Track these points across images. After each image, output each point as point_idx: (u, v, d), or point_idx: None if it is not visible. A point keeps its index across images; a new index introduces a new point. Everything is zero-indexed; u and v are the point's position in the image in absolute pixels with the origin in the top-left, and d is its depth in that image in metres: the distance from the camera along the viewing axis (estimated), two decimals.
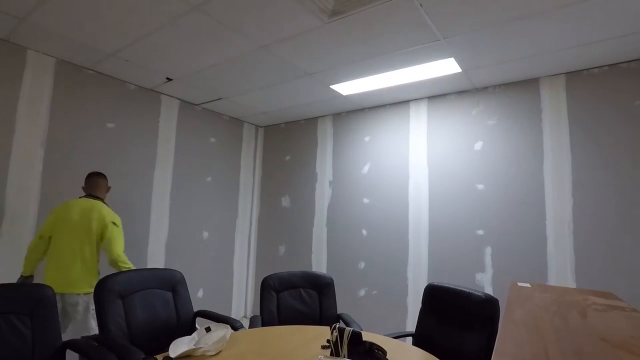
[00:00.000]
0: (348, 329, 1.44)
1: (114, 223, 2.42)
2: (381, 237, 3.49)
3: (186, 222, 3.69)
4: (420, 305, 2.10)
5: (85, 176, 2.56)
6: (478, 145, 3.05)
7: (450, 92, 3.24)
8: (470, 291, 1.88)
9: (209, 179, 3.97)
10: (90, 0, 2.00)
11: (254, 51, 2.54)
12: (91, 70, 2.96)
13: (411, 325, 2.97)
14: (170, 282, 2.14)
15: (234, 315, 4.18)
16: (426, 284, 2.14)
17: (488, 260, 2.89)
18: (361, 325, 2.06)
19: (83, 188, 2.52)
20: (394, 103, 3.58)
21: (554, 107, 2.76)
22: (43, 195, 2.66)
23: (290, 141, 4.39)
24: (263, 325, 2.21)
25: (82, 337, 1.78)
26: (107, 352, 1.52)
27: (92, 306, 2.26)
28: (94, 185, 2.52)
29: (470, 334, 1.76)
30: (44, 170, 2.68)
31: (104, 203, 2.50)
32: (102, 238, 2.37)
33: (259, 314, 2.30)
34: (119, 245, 2.37)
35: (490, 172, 2.96)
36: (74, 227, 2.32)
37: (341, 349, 1.41)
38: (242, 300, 4.33)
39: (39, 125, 2.67)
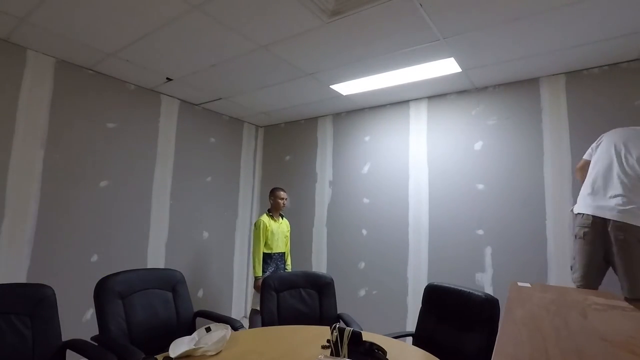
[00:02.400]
0: (348, 328, 1.44)
1: (255, 224, 3.25)
2: (381, 237, 3.49)
3: (186, 222, 3.69)
4: (420, 305, 2.10)
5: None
6: (478, 145, 3.05)
7: (450, 92, 3.24)
8: (470, 291, 1.88)
9: (209, 179, 3.97)
10: (90, 1, 2.00)
11: (254, 51, 2.54)
12: (91, 70, 2.96)
13: (411, 325, 2.97)
14: (170, 282, 2.14)
15: (234, 315, 4.18)
16: (426, 284, 2.14)
17: (488, 260, 2.89)
18: (361, 325, 2.06)
19: None
20: (394, 103, 3.58)
21: (554, 107, 2.76)
22: (43, 195, 2.66)
23: (290, 141, 4.39)
24: (263, 325, 2.21)
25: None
26: (107, 352, 1.52)
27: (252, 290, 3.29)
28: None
29: (470, 334, 1.76)
30: (44, 170, 2.68)
31: (267, 213, 3.33)
32: None
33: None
34: (253, 244, 3.24)
35: (490, 172, 2.96)
36: None
37: (341, 348, 1.41)
38: (242, 300, 4.33)
39: (39, 125, 2.66)
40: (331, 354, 1.43)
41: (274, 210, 3.33)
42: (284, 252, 3.36)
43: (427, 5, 1.95)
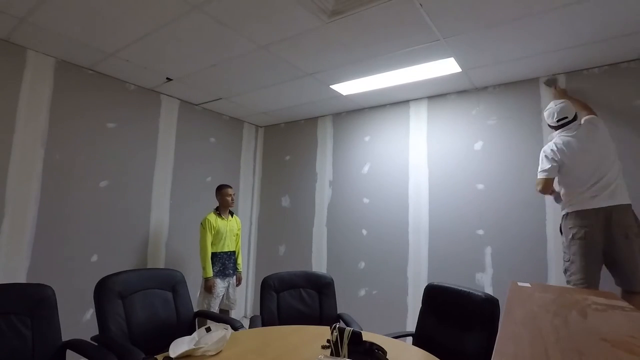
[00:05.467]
0: (348, 328, 1.44)
1: (201, 224, 3.16)
2: (381, 237, 3.49)
3: (186, 222, 3.69)
4: (420, 305, 2.10)
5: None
6: (478, 145, 3.05)
7: (450, 92, 3.24)
8: (470, 291, 1.88)
9: (209, 179, 3.97)
10: (90, 1, 2.00)
11: (254, 51, 2.54)
12: (91, 70, 2.96)
13: (411, 325, 2.97)
14: (170, 282, 2.14)
15: (234, 315, 4.17)
16: (426, 284, 2.14)
17: (488, 260, 2.89)
18: (361, 325, 2.06)
19: None
20: (394, 103, 3.58)
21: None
22: (43, 195, 2.66)
23: (290, 141, 4.39)
24: (263, 325, 2.21)
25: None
26: (107, 352, 1.52)
27: (200, 286, 3.13)
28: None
29: (470, 334, 1.76)
30: (44, 170, 2.68)
31: (214, 211, 3.22)
32: None
33: (259, 314, 2.31)
34: (200, 245, 3.13)
35: (490, 172, 2.96)
36: None
37: (341, 348, 1.41)
38: (242, 300, 4.33)
39: (39, 125, 2.67)
40: (331, 354, 1.43)
41: (222, 208, 3.23)
42: (234, 251, 3.28)
43: (427, 5, 1.95)
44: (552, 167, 2.27)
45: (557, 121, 2.31)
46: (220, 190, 3.27)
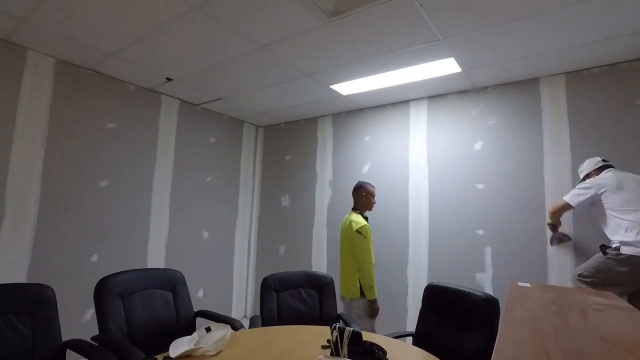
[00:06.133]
0: (348, 328, 1.44)
1: (359, 232, 2.42)
2: (381, 237, 3.48)
3: (186, 222, 3.69)
4: (420, 305, 2.10)
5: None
6: (478, 145, 3.05)
7: (450, 92, 3.24)
8: (470, 291, 1.88)
9: (209, 179, 3.97)
10: (90, 1, 2.00)
11: (254, 51, 2.54)
12: (91, 70, 2.96)
13: (411, 325, 2.97)
14: (170, 282, 2.14)
15: (234, 315, 4.18)
16: (426, 284, 2.14)
17: (488, 260, 2.89)
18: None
19: None
20: (394, 103, 3.58)
21: (554, 107, 2.76)
22: (43, 195, 2.66)
23: (290, 141, 4.39)
24: (263, 325, 2.21)
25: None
26: (107, 352, 1.52)
27: (356, 310, 2.45)
28: (353, 195, 2.70)
29: (470, 334, 1.76)
30: (44, 170, 2.68)
31: (358, 212, 2.59)
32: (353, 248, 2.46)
33: (259, 314, 2.30)
34: (363, 259, 2.40)
35: (490, 172, 2.96)
36: (342, 241, 2.64)
37: (341, 349, 1.41)
38: (242, 300, 4.33)
39: (39, 125, 2.66)
40: (331, 354, 1.43)
41: (364, 211, 2.64)
42: None
43: (427, 5, 1.95)
44: (585, 197, 2.27)
45: (603, 160, 2.34)
46: (366, 188, 2.64)
